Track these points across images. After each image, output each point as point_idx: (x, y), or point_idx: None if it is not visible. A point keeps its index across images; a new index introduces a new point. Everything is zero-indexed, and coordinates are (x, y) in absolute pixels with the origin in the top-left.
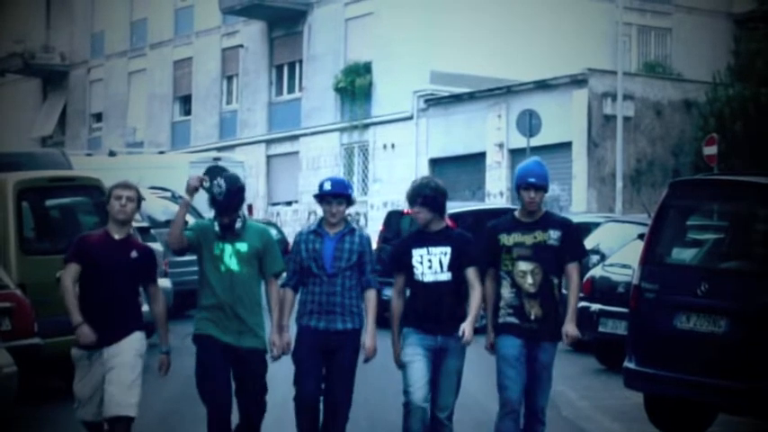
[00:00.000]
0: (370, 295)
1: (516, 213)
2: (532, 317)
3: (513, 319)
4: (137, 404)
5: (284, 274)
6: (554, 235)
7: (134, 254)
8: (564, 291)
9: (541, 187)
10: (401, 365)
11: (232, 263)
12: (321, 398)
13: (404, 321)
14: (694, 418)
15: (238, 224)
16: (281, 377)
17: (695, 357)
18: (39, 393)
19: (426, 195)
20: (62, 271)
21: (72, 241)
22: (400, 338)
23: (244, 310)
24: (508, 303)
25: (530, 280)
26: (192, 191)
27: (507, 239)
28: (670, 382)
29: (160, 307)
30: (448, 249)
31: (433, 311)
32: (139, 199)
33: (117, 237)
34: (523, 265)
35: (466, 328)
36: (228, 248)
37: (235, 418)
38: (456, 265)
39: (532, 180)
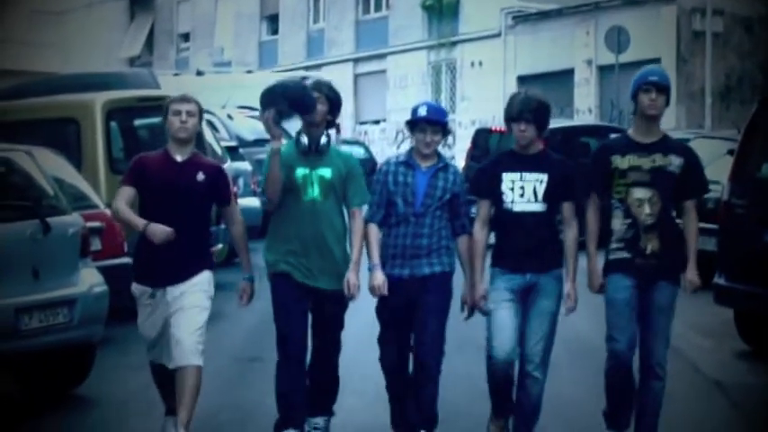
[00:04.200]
0: (465, 242)
1: (630, 132)
2: (648, 251)
3: (625, 254)
4: (202, 351)
5: (365, 208)
6: (676, 161)
7: (200, 176)
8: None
9: (664, 88)
10: (485, 311)
11: (314, 191)
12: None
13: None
14: None
15: (323, 140)
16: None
17: None
18: (128, 313)
19: (535, 110)
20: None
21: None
22: (483, 278)
23: (326, 246)
24: (620, 237)
25: (647, 209)
26: (277, 135)
27: (621, 162)
28: (760, 297)
29: (239, 228)
30: (545, 177)
31: (523, 245)
32: (201, 113)
33: (179, 158)
34: (640, 193)
35: (569, 292)
36: (311, 174)
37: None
38: (552, 196)
39: (654, 78)
